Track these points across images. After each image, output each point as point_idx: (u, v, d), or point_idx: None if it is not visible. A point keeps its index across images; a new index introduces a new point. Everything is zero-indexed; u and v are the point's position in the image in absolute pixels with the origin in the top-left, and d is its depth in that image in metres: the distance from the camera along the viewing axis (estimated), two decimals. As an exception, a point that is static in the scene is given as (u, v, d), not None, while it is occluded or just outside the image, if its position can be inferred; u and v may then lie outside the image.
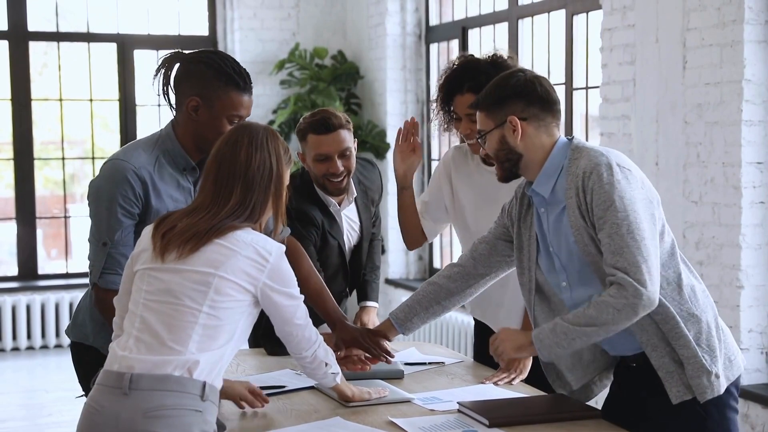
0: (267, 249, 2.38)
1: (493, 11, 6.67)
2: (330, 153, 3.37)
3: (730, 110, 4.26)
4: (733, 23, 4.22)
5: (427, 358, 3.34)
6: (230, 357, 2.39)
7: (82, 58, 8.10)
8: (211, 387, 2.31)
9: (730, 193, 4.29)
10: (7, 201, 8.17)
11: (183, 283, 2.33)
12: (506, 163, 2.66)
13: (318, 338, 2.54)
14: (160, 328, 2.31)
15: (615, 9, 4.96)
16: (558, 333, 2.50)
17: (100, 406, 2.29)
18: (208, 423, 2.30)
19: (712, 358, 2.50)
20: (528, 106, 2.62)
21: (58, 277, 8.00)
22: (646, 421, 2.60)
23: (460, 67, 3.23)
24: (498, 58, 3.21)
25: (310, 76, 7.77)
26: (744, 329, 4.29)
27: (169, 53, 2.92)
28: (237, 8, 8.04)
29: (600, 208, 2.45)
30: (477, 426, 2.55)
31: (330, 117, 3.39)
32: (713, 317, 2.56)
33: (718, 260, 4.37)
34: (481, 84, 2.91)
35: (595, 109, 5.37)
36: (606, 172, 2.47)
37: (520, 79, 2.64)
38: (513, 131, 2.62)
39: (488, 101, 2.67)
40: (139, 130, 8.15)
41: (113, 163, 2.83)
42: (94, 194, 2.83)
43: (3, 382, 7.03)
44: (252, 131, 2.48)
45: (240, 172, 2.41)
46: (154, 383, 2.26)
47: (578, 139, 2.65)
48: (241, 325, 2.39)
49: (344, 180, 3.44)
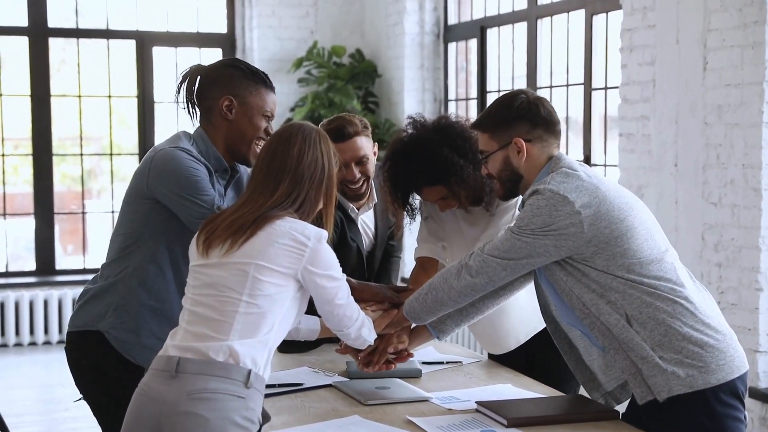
0: (305, 234, 2.41)
1: (512, 11, 6.66)
2: (346, 161, 3.36)
3: (751, 112, 4.24)
4: (755, 24, 4.20)
5: (445, 357, 3.34)
6: (273, 348, 2.42)
7: (101, 55, 8.13)
8: (257, 375, 2.35)
9: (750, 195, 4.27)
10: (25, 196, 8.21)
11: (225, 276, 2.39)
12: (507, 183, 2.74)
13: (359, 315, 2.59)
14: (205, 319, 2.38)
15: (635, 9, 4.94)
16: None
17: (149, 388, 2.36)
18: (251, 410, 2.33)
19: (671, 359, 2.50)
20: (533, 127, 2.69)
21: (76, 273, 8.03)
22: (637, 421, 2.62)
23: (398, 172, 3.16)
24: (418, 137, 3.15)
25: (328, 74, 7.78)
26: (762, 332, 4.27)
27: (187, 68, 2.95)
28: (255, 6, 8.06)
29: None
30: (495, 426, 2.54)
31: (345, 125, 3.36)
32: (686, 319, 2.53)
33: (737, 262, 4.35)
34: (429, 175, 3.08)
35: (614, 110, 5.35)
36: (541, 198, 2.55)
37: (524, 101, 2.70)
38: (518, 152, 2.68)
39: (493, 123, 2.72)
40: (157, 127, 8.18)
41: (172, 150, 2.83)
42: (167, 174, 2.80)
43: (20, 376, 7.07)
44: (305, 130, 2.54)
45: (291, 165, 2.48)
46: (201, 368, 2.31)
47: (563, 158, 2.67)
48: (284, 313, 2.41)
49: (363, 186, 3.44)
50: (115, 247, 2.96)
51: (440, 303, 2.76)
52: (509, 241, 2.61)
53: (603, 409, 2.67)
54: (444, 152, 3.08)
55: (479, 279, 2.67)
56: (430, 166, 3.09)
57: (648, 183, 4.87)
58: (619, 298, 2.55)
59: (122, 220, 2.96)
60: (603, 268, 2.55)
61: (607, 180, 2.66)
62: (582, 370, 2.76)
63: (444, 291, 2.73)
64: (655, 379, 2.51)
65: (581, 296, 2.59)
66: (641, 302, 2.54)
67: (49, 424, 5.87)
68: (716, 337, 2.55)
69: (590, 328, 2.61)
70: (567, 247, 2.55)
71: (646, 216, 2.64)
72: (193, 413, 2.27)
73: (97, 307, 2.92)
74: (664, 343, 2.52)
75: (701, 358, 2.51)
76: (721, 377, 2.51)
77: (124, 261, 2.91)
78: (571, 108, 6.02)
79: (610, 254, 2.54)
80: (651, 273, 2.55)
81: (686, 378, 2.49)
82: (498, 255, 2.63)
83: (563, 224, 2.52)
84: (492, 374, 3.15)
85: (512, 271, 2.64)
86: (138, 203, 2.90)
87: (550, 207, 2.53)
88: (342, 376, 3.06)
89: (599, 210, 2.53)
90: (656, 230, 2.64)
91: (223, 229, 2.43)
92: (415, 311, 2.83)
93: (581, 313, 2.61)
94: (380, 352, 2.94)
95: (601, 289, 2.56)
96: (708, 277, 4.49)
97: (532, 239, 2.56)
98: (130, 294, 2.89)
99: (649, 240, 2.58)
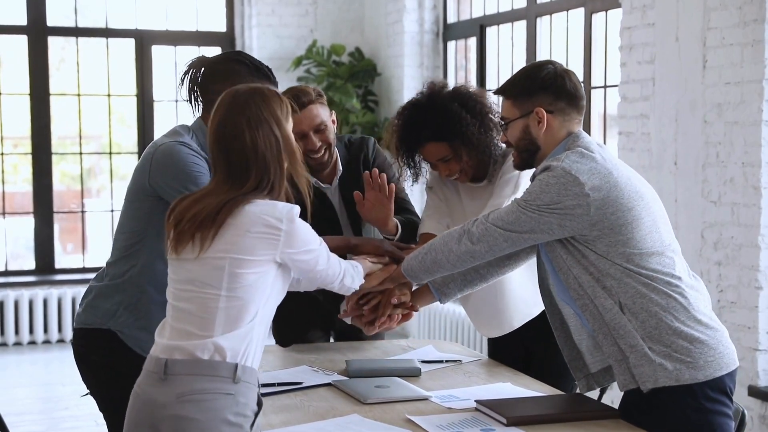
0: (277, 216, 2.35)
1: (511, 9, 6.66)
2: (304, 130, 3.31)
3: (751, 110, 4.24)
4: (755, 22, 4.20)
5: (445, 356, 3.34)
6: (261, 332, 2.39)
7: (101, 54, 8.13)
8: (244, 368, 2.33)
9: (750, 194, 4.27)
10: (25, 195, 8.21)
11: (201, 272, 2.35)
12: (524, 153, 2.73)
13: (341, 267, 2.60)
14: (189, 316, 2.36)
15: (635, 7, 4.94)
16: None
17: (142, 390, 2.36)
18: (242, 405, 2.32)
19: (660, 351, 2.50)
20: (556, 99, 2.67)
21: (75, 272, 8.02)
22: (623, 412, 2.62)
23: (407, 122, 3.20)
24: (432, 93, 3.19)
25: (328, 72, 7.77)
26: (762, 330, 4.27)
27: (193, 59, 2.95)
28: (255, 4, 8.05)
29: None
30: (495, 424, 2.54)
31: (299, 95, 3.32)
32: (678, 314, 2.53)
33: (736, 261, 4.35)
34: (435, 130, 3.09)
35: (614, 108, 5.35)
36: (552, 176, 2.55)
37: (550, 72, 2.69)
38: (538, 123, 2.68)
39: (516, 90, 2.71)
40: (157, 125, 8.18)
41: (172, 145, 2.84)
42: (169, 169, 2.81)
43: (20, 375, 7.07)
44: (245, 108, 2.41)
45: (251, 157, 2.39)
46: (188, 368, 2.30)
47: (582, 137, 2.66)
48: (267, 296, 2.39)
49: (325, 154, 3.37)
50: (119, 245, 2.96)
51: (438, 265, 2.77)
52: (514, 213, 2.61)
53: (602, 407, 2.67)
54: (453, 107, 3.12)
55: (479, 246, 2.67)
56: (438, 118, 3.11)
57: (648, 181, 4.86)
58: (615, 285, 2.55)
59: (125, 218, 2.96)
60: (603, 253, 2.55)
61: (622, 166, 2.64)
62: (570, 348, 2.77)
63: (443, 253, 2.74)
64: (642, 368, 2.52)
65: (578, 276, 2.60)
66: (636, 292, 2.54)
67: (49, 423, 5.86)
68: (707, 333, 2.55)
69: (582, 310, 2.62)
70: (571, 227, 2.55)
71: (656, 207, 2.64)
72: (183, 416, 2.26)
73: (105, 305, 2.93)
74: (654, 335, 2.52)
75: (690, 354, 2.51)
76: (709, 373, 2.52)
77: (130, 259, 2.92)
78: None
79: (612, 240, 2.54)
80: (650, 265, 2.55)
81: (673, 371, 2.50)
82: (501, 225, 2.63)
83: (570, 204, 2.52)
84: (491, 373, 3.15)
85: (513, 244, 2.64)
86: (140, 201, 2.90)
87: (559, 185, 2.53)
88: (341, 375, 3.06)
89: (608, 195, 2.53)
90: (663, 223, 2.64)
91: (188, 223, 2.36)
92: (413, 269, 2.84)
93: (575, 294, 2.62)
94: (384, 305, 2.96)
95: (598, 273, 2.57)
96: (708, 276, 4.49)
97: (537, 215, 2.56)
98: (140, 292, 2.90)
99: (653, 232, 2.58)
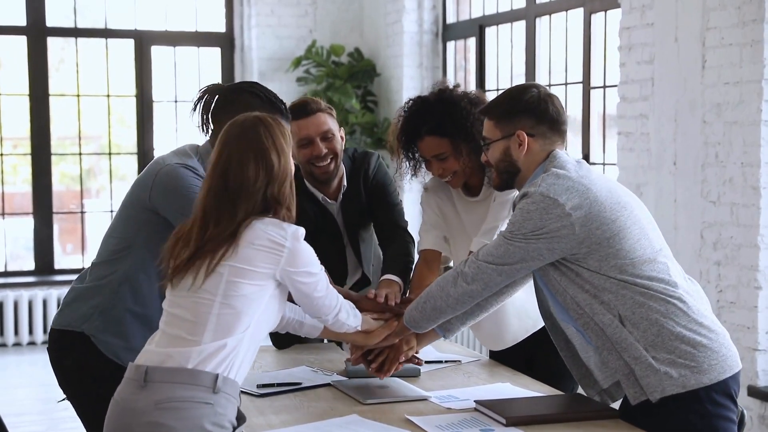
0: (281, 234, 2.38)
1: (510, 9, 6.65)
2: (311, 135, 3.35)
3: (750, 110, 4.24)
4: (754, 22, 4.20)
5: (444, 356, 3.34)
6: (250, 348, 2.38)
7: (100, 54, 8.13)
8: (226, 379, 2.32)
9: (749, 194, 4.27)
10: (24, 196, 8.21)
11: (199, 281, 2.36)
12: (504, 174, 2.76)
13: (338, 302, 2.60)
14: (181, 321, 2.36)
15: (634, 8, 4.94)
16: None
17: (121, 398, 2.35)
18: (219, 415, 2.30)
19: (664, 359, 2.50)
20: (538, 123, 2.69)
21: (74, 272, 8.00)
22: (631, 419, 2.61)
23: (412, 112, 3.22)
24: (444, 91, 3.23)
25: (327, 73, 7.77)
26: (762, 330, 4.27)
27: (208, 85, 2.95)
28: (254, 5, 8.05)
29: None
30: (494, 425, 2.54)
31: (309, 102, 3.41)
32: (678, 319, 2.53)
33: (736, 261, 4.35)
34: (438, 123, 3.11)
35: (613, 109, 5.35)
36: (531, 202, 2.56)
37: (534, 96, 2.71)
38: (519, 145, 2.70)
39: (499, 112, 2.74)
40: (156, 126, 8.18)
41: (177, 168, 2.83)
42: (171, 192, 2.81)
43: (19, 376, 7.07)
44: (251, 141, 2.42)
45: (248, 188, 2.39)
46: (167, 375, 2.30)
47: (558, 157, 2.66)
48: (261, 312, 2.39)
49: (331, 164, 3.39)
50: (107, 248, 2.96)
51: (438, 311, 2.77)
52: (502, 247, 2.61)
53: (602, 408, 2.67)
54: (462, 104, 3.15)
55: (475, 286, 2.67)
56: (444, 111, 3.14)
57: (647, 181, 4.87)
58: (612, 298, 2.55)
59: (117, 223, 2.96)
60: (596, 269, 2.55)
61: (600, 179, 2.63)
62: (578, 366, 2.76)
63: (441, 299, 2.74)
64: (648, 379, 2.51)
65: (575, 296, 2.59)
66: (634, 302, 2.53)
67: (48, 424, 5.87)
68: (709, 336, 2.55)
69: (584, 328, 2.61)
70: (560, 249, 2.55)
71: (642, 214, 2.63)
72: (160, 423, 2.26)
73: (82, 308, 2.91)
74: (657, 343, 2.51)
75: (694, 358, 2.51)
76: (714, 377, 2.51)
77: (114, 264, 2.91)
78: (570, 106, 6.01)
79: (602, 255, 2.54)
80: (644, 273, 2.55)
81: (679, 378, 2.49)
82: (492, 261, 2.63)
83: (554, 227, 2.52)
84: (491, 373, 3.15)
85: (507, 276, 2.65)
86: (137, 211, 2.90)
87: (540, 210, 2.53)
88: (341, 375, 3.06)
89: (590, 211, 2.53)
90: (651, 229, 2.63)
91: (187, 262, 2.38)
92: (415, 320, 2.84)
93: (575, 313, 2.61)
94: (390, 360, 2.95)
95: (594, 290, 2.56)
96: (707, 276, 4.49)
97: (524, 243, 2.57)
98: (117, 298, 2.89)
99: (642, 239, 2.57)
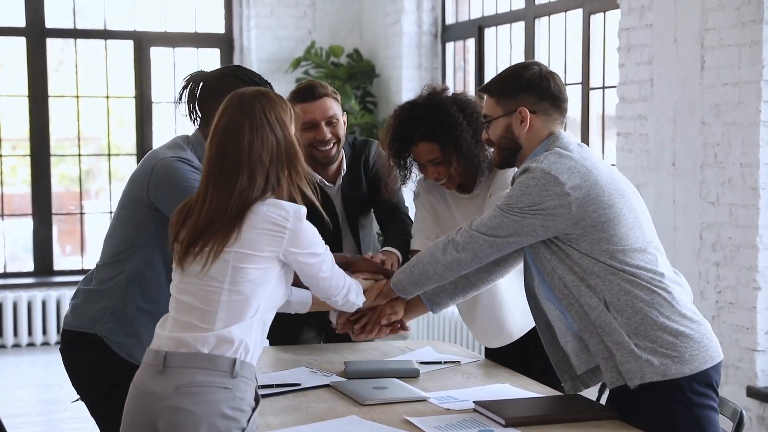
0: (282, 215, 2.39)
1: (509, 10, 6.66)
2: (316, 119, 3.35)
3: (749, 111, 4.24)
4: (753, 23, 4.20)
5: (443, 357, 3.34)
6: (261, 332, 2.41)
7: (99, 55, 8.13)
8: (243, 363, 2.35)
9: (748, 194, 4.27)
10: (24, 197, 8.21)
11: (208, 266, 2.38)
12: (505, 151, 2.76)
13: (345, 282, 2.62)
14: (190, 308, 2.38)
15: (633, 9, 4.94)
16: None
17: (140, 383, 2.38)
18: (239, 399, 2.33)
19: (646, 347, 2.51)
20: (540, 100, 2.71)
21: (74, 273, 8.01)
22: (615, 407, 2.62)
23: (403, 119, 3.20)
24: (432, 94, 3.21)
25: (326, 74, 7.77)
26: (761, 331, 4.27)
27: (191, 73, 2.96)
28: (253, 6, 8.05)
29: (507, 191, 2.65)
30: (493, 425, 2.54)
31: (316, 85, 3.41)
32: (662, 309, 2.54)
33: (735, 261, 4.35)
34: (430, 127, 3.10)
35: (612, 109, 5.35)
36: (531, 177, 2.56)
37: (535, 73, 2.72)
38: (521, 122, 2.70)
39: (501, 89, 2.74)
40: (155, 127, 8.18)
41: (173, 162, 2.84)
42: (168, 186, 2.82)
43: (19, 377, 7.07)
44: (248, 112, 2.41)
45: (244, 159, 2.39)
46: (186, 361, 2.32)
47: (561, 137, 2.67)
48: (269, 294, 2.41)
49: (333, 148, 3.41)
50: (109, 250, 2.96)
51: (426, 276, 2.79)
52: (497, 219, 2.62)
53: (601, 408, 2.67)
54: (452, 110, 3.13)
55: (465, 254, 2.68)
56: (434, 117, 3.13)
57: (646, 182, 4.87)
58: (600, 282, 2.56)
59: (117, 223, 2.96)
60: (587, 252, 2.57)
61: (602, 164, 2.66)
62: (555, 350, 2.77)
63: (430, 264, 2.76)
64: (629, 365, 2.52)
65: (563, 277, 2.60)
66: (620, 289, 2.55)
67: (48, 425, 5.87)
68: (691, 327, 2.56)
69: (568, 309, 2.63)
70: (554, 227, 2.56)
71: (637, 204, 2.65)
72: (180, 408, 2.29)
73: (92, 309, 2.93)
74: (639, 331, 2.53)
75: (676, 348, 2.52)
76: (695, 367, 2.53)
77: (119, 265, 2.92)
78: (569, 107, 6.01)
79: (595, 238, 2.55)
80: (633, 261, 2.56)
81: (660, 366, 2.51)
82: (485, 231, 2.64)
83: (551, 204, 2.53)
84: (490, 374, 3.15)
85: (498, 249, 2.66)
86: (135, 209, 2.91)
87: (539, 186, 2.54)
88: (340, 376, 3.06)
89: (589, 193, 2.54)
90: (645, 220, 2.65)
91: (196, 240, 2.38)
92: (402, 283, 2.87)
93: (561, 294, 2.63)
94: (372, 322, 3.00)
95: (582, 272, 2.58)
96: (706, 276, 4.49)
97: (519, 217, 2.57)
98: (126, 298, 2.90)
99: (635, 228, 2.59)
